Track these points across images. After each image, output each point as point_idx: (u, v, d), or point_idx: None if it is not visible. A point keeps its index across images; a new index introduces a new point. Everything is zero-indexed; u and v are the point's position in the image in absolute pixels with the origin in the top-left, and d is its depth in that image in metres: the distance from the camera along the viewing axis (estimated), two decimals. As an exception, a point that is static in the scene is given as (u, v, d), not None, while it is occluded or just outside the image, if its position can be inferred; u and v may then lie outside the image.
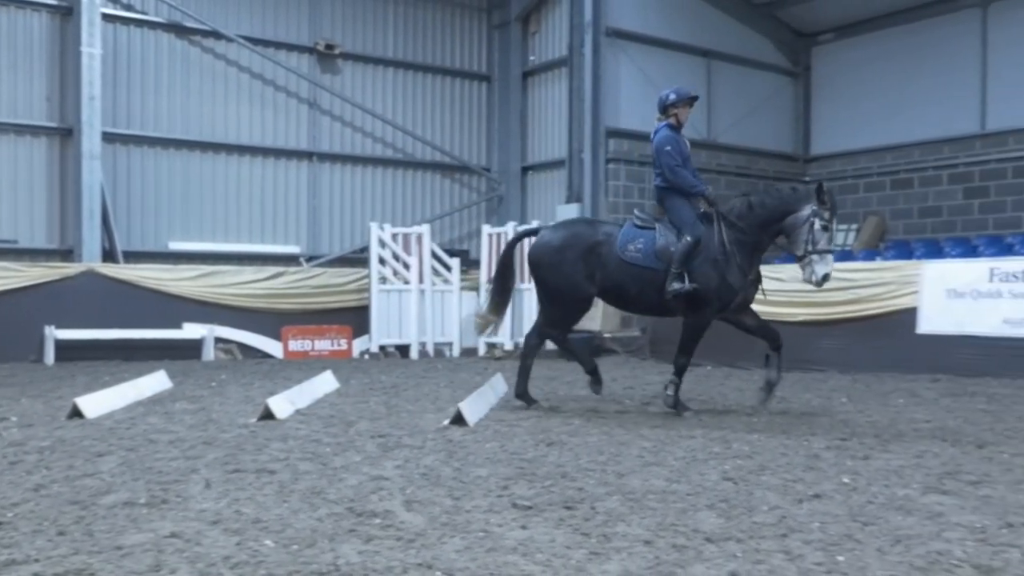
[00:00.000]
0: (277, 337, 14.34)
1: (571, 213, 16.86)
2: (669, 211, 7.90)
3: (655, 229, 7.84)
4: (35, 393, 9.18)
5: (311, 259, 16.87)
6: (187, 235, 16.00)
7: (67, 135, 14.68)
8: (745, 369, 11.81)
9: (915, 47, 18.18)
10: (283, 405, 7.66)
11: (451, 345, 14.90)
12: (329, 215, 17.65)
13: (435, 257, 15.04)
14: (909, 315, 10.96)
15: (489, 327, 8.77)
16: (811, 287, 7.73)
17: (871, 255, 16.26)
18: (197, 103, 16.21)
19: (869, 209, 18.64)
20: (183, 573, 3.40)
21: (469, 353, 14.82)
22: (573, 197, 17.21)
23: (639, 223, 7.96)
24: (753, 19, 19.53)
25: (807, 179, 20.04)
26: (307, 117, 17.40)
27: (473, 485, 4.95)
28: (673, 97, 7.98)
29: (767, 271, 8.45)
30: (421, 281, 14.73)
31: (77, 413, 7.35)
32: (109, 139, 14.95)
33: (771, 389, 7.89)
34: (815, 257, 7.44)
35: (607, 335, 14.62)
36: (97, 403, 7.72)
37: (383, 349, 14.56)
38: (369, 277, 14.70)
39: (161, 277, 13.90)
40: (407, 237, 14.91)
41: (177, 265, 14.55)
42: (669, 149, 7.79)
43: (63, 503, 4.46)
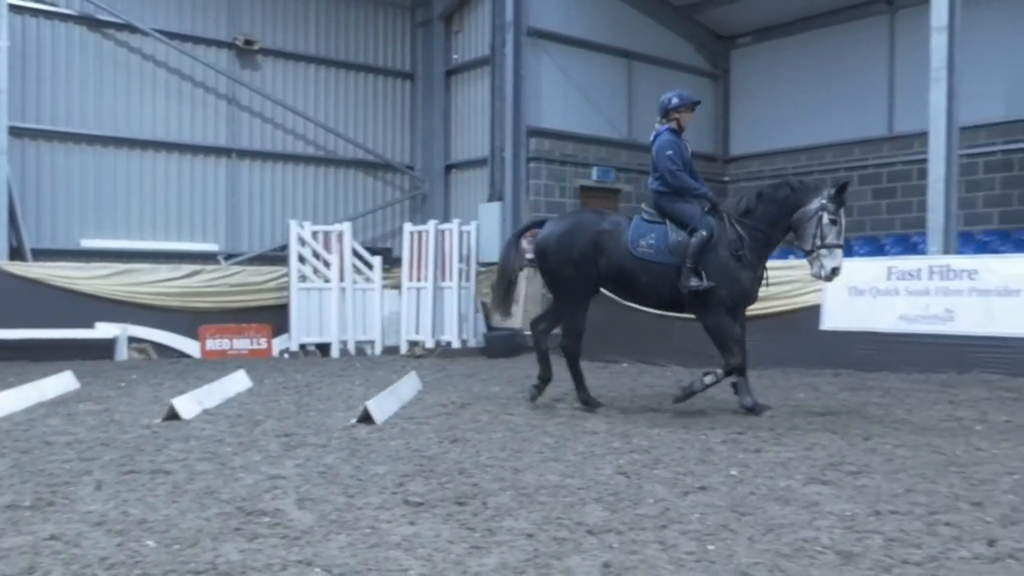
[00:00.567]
0: (194, 336, 14.10)
1: (493, 211, 16.97)
2: (670, 213, 7.80)
3: (665, 223, 7.77)
4: (-68, 395, 8.88)
5: (229, 257, 16.65)
6: (100, 232, 15.68)
7: (-28, 129, 14.24)
8: (659, 365, 12.07)
9: (829, 51, 18.75)
10: (189, 405, 7.57)
11: (373, 343, 14.84)
12: (248, 212, 17.46)
13: (356, 255, 14.95)
14: (814, 312, 11.30)
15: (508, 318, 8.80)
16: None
17: (783, 254, 16.65)
18: (111, 98, 15.89)
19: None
20: (57, 574, 3.38)
21: (391, 352, 14.79)
22: (495, 195, 17.32)
23: (647, 217, 7.91)
24: (674, 22, 19.89)
25: (726, 179, 20.56)
26: (226, 113, 17.18)
27: (370, 483, 4.97)
28: (676, 101, 7.99)
29: None
30: (342, 279, 14.63)
31: (-27, 416, 7.18)
32: (17, 133, 14.54)
33: (692, 393, 7.74)
34: (824, 252, 7.38)
35: (528, 333, 14.67)
36: (-5, 405, 7.53)
37: (303, 348, 14.43)
38: (289, 275, 14.55)
39: (72, 275, 13.54)
40: (328, 235, 14.79)
41: (89, 263, 14.19)
42: (670, 153, 7.81)
43: (-56, 507, 4.37)
